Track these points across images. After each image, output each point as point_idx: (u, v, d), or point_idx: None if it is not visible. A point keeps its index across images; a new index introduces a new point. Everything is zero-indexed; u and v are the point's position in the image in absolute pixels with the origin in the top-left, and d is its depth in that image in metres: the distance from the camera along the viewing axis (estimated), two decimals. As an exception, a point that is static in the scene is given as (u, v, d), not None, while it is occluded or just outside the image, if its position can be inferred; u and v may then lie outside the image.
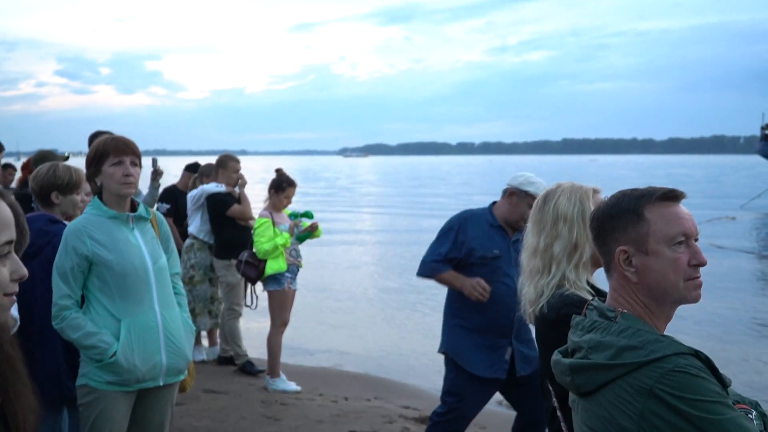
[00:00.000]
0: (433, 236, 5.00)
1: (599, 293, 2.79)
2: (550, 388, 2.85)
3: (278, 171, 7.71)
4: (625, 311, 2.04)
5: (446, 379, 5.01)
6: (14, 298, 1.52)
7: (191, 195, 8.25)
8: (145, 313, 3.73)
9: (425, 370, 8.97)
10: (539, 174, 5.00)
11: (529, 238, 2.98)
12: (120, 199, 3.77)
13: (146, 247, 3.79)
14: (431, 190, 51.11)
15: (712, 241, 18.51)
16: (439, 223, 5.15)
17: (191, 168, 9.07)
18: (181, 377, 3.94)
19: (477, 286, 4.67)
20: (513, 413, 5.14)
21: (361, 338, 10.64)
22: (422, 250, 5.06)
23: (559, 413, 2.79)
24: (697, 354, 1.91)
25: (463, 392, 4.87)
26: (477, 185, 56.25)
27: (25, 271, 1.52)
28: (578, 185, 2.97)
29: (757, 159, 58.97)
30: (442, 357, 5.07)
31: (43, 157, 5.98)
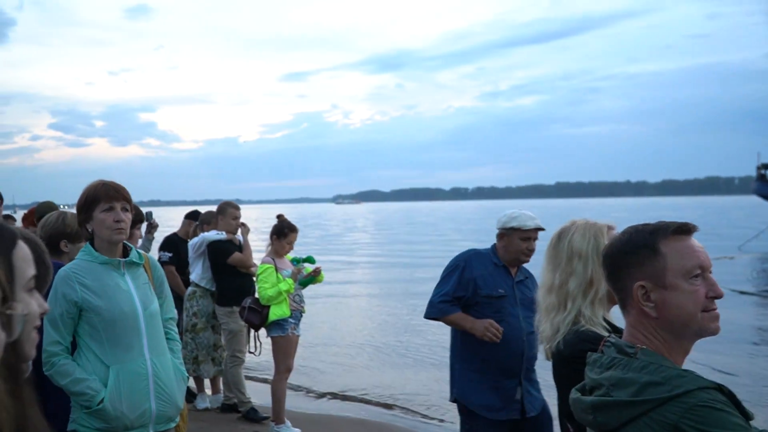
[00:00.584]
0: (427, 286, 4.97)
1: (615, 330, 2.81)
2: (569, 426, 2.85)
3: (279, 217, 7.74)
4: (645, 347, 2.03)
5: (462, 429, 4.95)
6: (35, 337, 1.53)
7: (192, 243, 8.27)
8: (134, 359, 3.71)
9: (428, 413, 8.95)
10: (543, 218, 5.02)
11: (545, 275, 3.00)
12: (111, 245, 3.77)
13: (137, 293, 3.78)
14: (423, 237, 51.03)
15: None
16: (433, 271, 5.16)
17: (191, 216, 9.11)
18: (172, 425, 3.91)
19: (490, 327, 4.63)
20: None
21: (364, 382, 10.58)
22: (419, 299, 5.05)
23: (577, 451, 2.79)
24: (720, 388, 1.91)
25: None
26: (466, 231, 56.16)
27: (47, 306, 1.53)
28: (592, 222, 3.00)
29: (754, 199, 59.11)
30: (445, 400, 5.01)
31: (48, 207, 6.00)
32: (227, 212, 8.09)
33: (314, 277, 7.60)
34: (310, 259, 7.84)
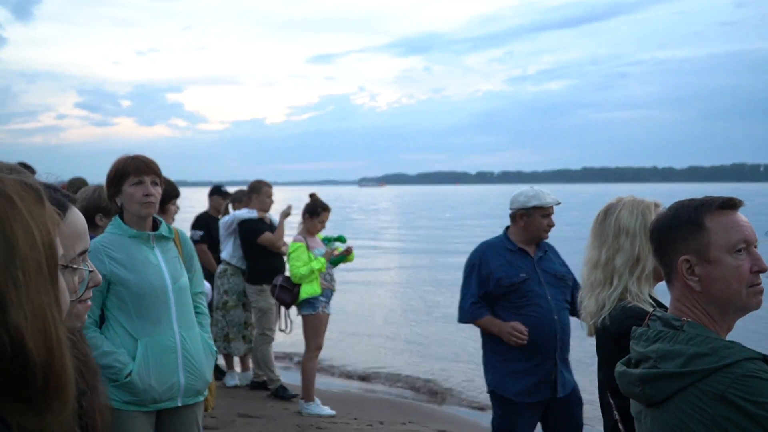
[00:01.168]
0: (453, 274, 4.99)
1: (661, 306, 2.79)
2: (611, 401, 2.84)
3: (312, 196, 7.74)
4: (690, 320, 2.04)
5: (495, 417, 4.95)
6: (89, 303, 1.51)
7: (223, 221, 8.31)
8: (163, 333, 3.71)
9: (458, 395, 8.98)
10: (563, 204, 5.02)
11: (590, 251, 2.98)
12: (141, 219, 3.76)
13: (167, 267, 3.77)
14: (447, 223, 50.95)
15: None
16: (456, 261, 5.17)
17: (216, 192, 9.07)
18: (201, 398, 3.91)
19: (513, 332, 4.65)
20: None
21: (393, 362, 10.63)
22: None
23: (620, 426, 2.78)
24: (765, 358, 1.92)
25: (513, 428, 4.82)
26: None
27: (99, 278, 1.49)
28: (639, 199, 2.99)
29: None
30: (473, 381, 5.01)
31: (80, 182, 6.02)
32: (261, 190, 8.11)
33: (345, 256, 7.61)
34: (341, 239, 7.85)
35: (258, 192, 8.10)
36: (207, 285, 4.95)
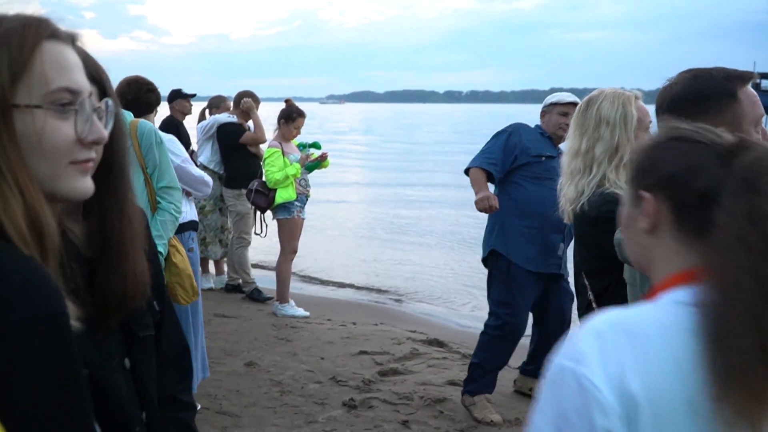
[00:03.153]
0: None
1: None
2: (586, 282, 3.02)
3: (288, 102, 7.81)
4: None
5: (495, 288, 5.23)
6: (89, 165, 1.21)
7: (201, 125, 8.34)
8: None
9: (429, 301, 9.30)
10: (527, 122, 5.37)
11: (571, 140, 3.10)
12: None
13: None
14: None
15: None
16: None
17: (176, 95, 8.48)
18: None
19: (485, 200, 4.81)
20: None
21: (366, 269, 10.88)
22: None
23: (594, 305, 2.97)
24: None
25: (513, 301, 5.12)
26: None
27: (103, 133, 1.22)
28: (620, 91, 3.08)
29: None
30: (444, 285, 5.26)
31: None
32: (243, 101, 8.18)
33: (320, 162, 7.73)
34: (316, 145, 7.96)
35: (240, 101, 8.18)
36: (208, 178, 5.02)
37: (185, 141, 8.53)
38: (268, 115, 7.97)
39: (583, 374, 1.16)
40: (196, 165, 8.38)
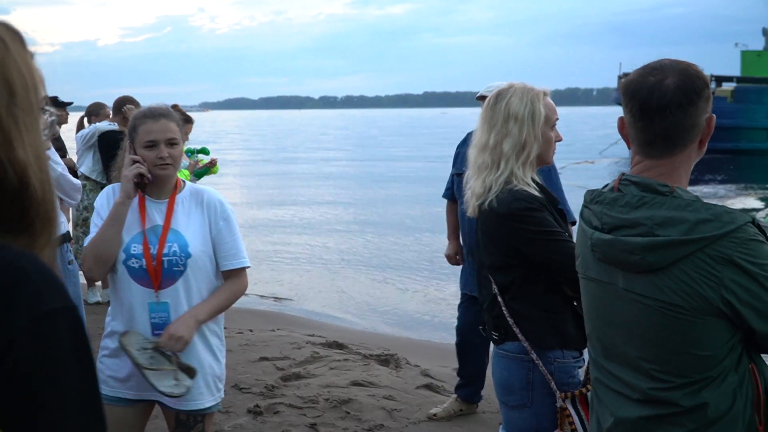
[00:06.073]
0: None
1: (543, 190, 3.01)
2: (490, 277, 3.07)
3: (174, 107, 7.62)
4: (677, 186, 2.03)
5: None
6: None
7: (81, 134, 8.05)
8: None
9: (325, 305, 9.29)
10: (399, 127, 5.39)
11: (479, 134, 3.09)
12: None
13: None
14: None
15: (576, 182, 19.49)
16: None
17: (52, 103, 8.69)
18: None
19: (449, 260, 5.34)
20: None
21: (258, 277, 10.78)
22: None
23: (499, 298, 3.02)
24: (754, 220, 1.98)
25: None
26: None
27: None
28: (530, 87, 3.07)
29: (613, 109, 61.71)
30: (336, 291, 5.26)
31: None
32: (124, 108, 7.93)
33: (209, 168, 7.58)
34: (204, 151, 7.80)
35: (121, 108, 7.92)
36: (77, 182, 4.98)
37: (62, 149, 8.25)
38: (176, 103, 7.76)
39: None
40: (76, 176, 8.12)
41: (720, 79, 40.11)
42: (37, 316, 0.99)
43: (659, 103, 2.00)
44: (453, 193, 5.13)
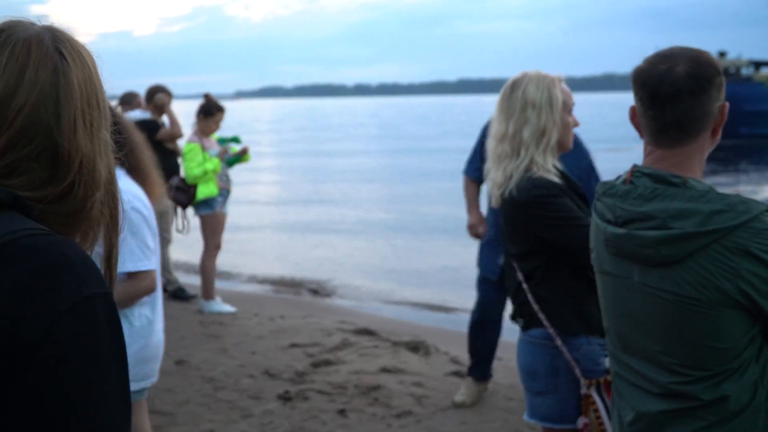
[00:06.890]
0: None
1: (564, 176, 3.01)
2: (515, 265, 3.08)
3: (207, 96, 7.70)
4: (690, 176, 2.00)
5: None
6: None
7: (115, 123, 8.15)
8: None
9: (356, 293, 9.33)
10: (434, 115, 5.36)
11: (496, 125, 3.09)
12: None
13: None
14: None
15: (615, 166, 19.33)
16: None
17: None
18: None
19: (470, 230, 5.30)
20: None
21: (290, 264, 10.85)
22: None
23: (524, 285, 3.03)
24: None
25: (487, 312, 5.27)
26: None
27: None
28: (544, 74, 3.08)
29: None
30: (364, 279, 5.28)
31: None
32: (156, 96, 8.01)
33: (241, 156, 7.65)
34: (236, 139, 7.88)
35: (153, 97, 8.01)
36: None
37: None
38: (177, 112, 7.85)
39: None
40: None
41: (758, 64, 39.42)
42: (78, 299, 1.03)
43: (670, 90, 1.97)
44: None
